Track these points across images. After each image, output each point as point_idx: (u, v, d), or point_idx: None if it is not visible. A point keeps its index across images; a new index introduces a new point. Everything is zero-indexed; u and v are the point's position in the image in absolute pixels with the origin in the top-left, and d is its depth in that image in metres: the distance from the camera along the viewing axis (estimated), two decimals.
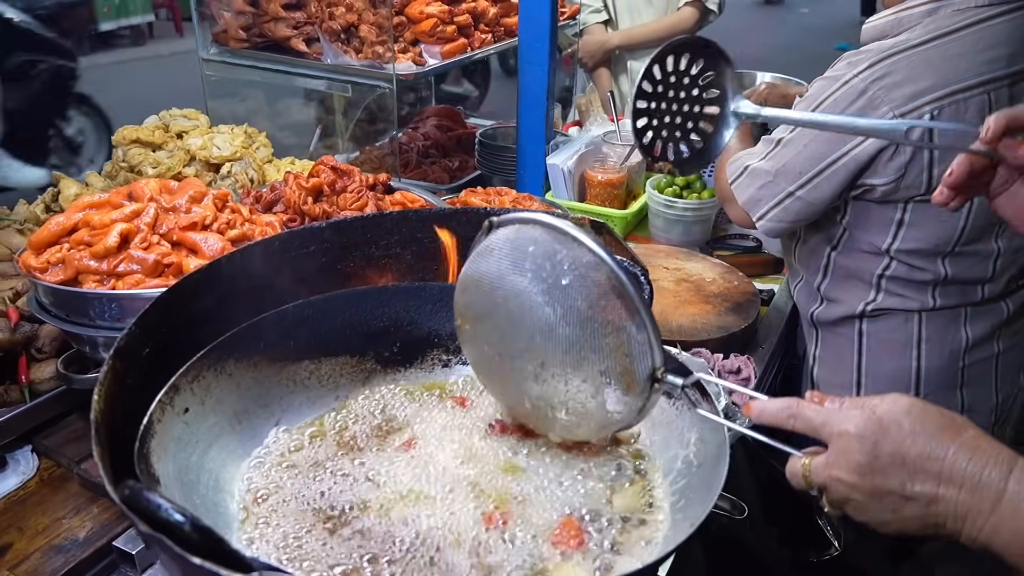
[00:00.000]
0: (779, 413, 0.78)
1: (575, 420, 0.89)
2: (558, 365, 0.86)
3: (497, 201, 1.86)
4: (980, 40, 1.36)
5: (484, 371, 0.98)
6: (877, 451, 0.71)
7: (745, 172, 1.55)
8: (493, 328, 0.91)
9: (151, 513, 0.62)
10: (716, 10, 3.13)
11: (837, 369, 1.65)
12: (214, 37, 2.01)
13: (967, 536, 0.71)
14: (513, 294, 0.86)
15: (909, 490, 0.71)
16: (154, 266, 1.13)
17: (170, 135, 1.95)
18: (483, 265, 0.90)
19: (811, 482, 0.75)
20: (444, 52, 1.98)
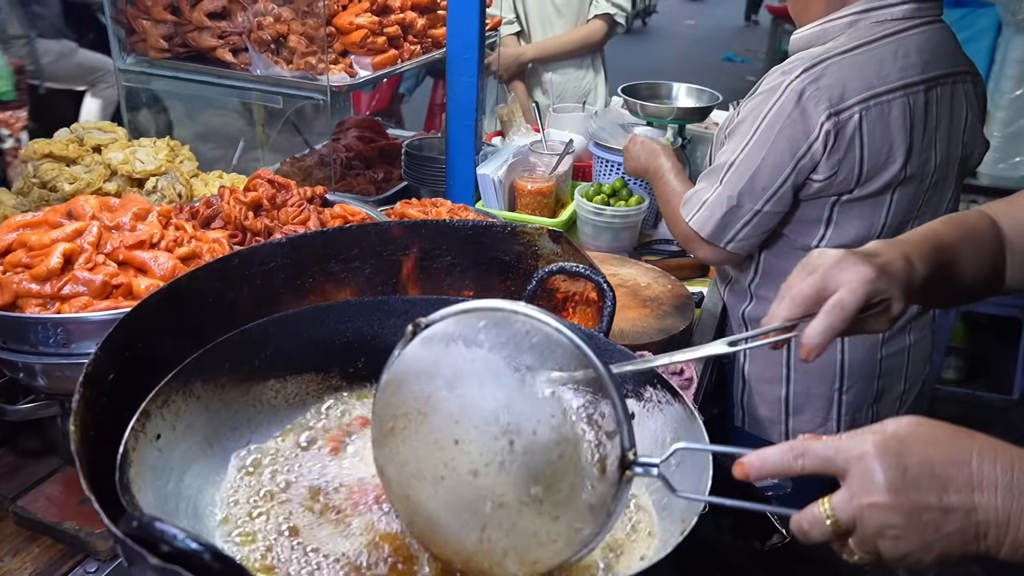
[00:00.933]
0: (783, 457, 0.70)
1: (543, 526, 0.73)
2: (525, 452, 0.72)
3: (434, 212, 1.87)
4: (899, 49, 1.48)
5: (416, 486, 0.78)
6: (904, 463, 0.65)
7: (704, 205, 1.59)
8: (440, 422, 0.75)
9: (167, 543, 0.60)
10: (623, 23, 3.23)
11: (767, 364, 1.74)
12: (131, 47, 1.92)
13: (1011, 543, 0.65)
14: (474, 379, 0.74)
15: (946, 501, 0.65)
16: (102, 287, 1.08)
17: (85, 149, 1.86)
18: (424, 359, 0.77)
19: (838, 522, 0.67)
20: (375, 63, 1.97)
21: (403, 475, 0.78)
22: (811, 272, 0.90)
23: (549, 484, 0.71)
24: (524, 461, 0.71)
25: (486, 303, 0.76)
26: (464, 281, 1.25)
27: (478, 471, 0.72)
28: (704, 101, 2.56)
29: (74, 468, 1.26)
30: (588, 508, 0.72)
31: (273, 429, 1.03)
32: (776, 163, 1.50)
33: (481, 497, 0.72)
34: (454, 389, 0.74)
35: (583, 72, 3.30)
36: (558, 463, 0.71)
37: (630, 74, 3.31)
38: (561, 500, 0.72)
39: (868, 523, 0.66)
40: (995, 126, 3.50)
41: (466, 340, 0.75)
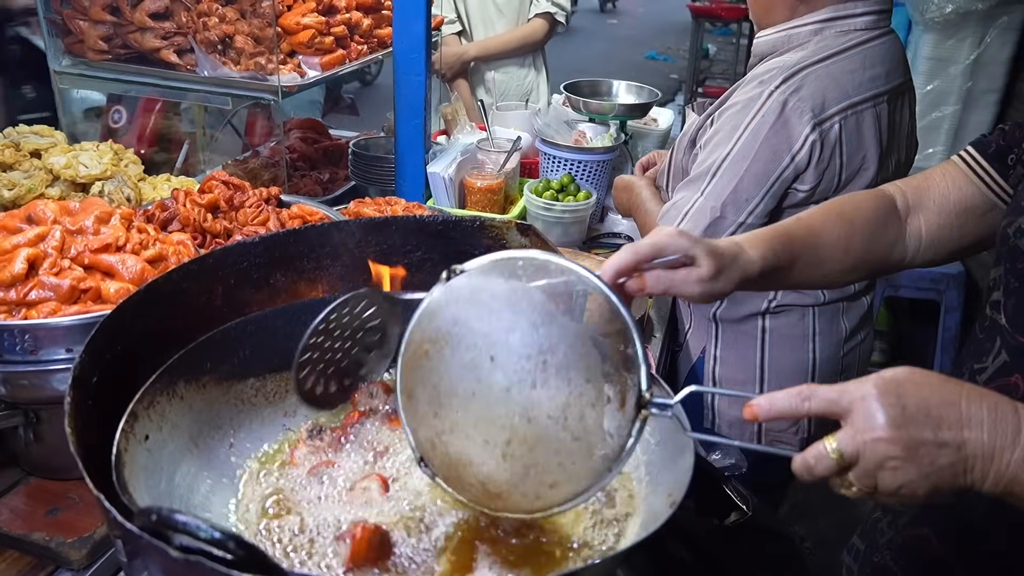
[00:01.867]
0: (791, 399, 0.75)
1: (564, 445, 0.77)
2: (557, 372, 0.77)
3: (389, 210, 1.87)
4: (866, 59, 1.52)
5: (446, 403, 0.81)
6: (903, 402, 0.72)
7: (685, 216, 1.57)
8: (478, 341, 0.79)
9: (191, 534, 0.60)
10: (564, 21, 3.29)
11: (739, 366, 1.76)
12: (67, 48, 1.87)
13: (995, 475, 0.73)
14: (512, 304, 0.79)
15: (940, 437, 0.72)
16: (70, 292, 1.06)
17: (23, 154, 1.80)
18: (463, 289, 0.82)
19: (842, 454, 0.73)
20: (324, 63, 1.96)
21: (434, 395, 0.80)
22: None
23: (574, 404, 0.76)
24: (555, 380, 0.76)
25: (520, 252, 0.82)
26: (435, 275, 1.26)
27: (511, 387, 0.76)
28: (644, 98, 2.63)
29: (38, 479, 1.24)
30: (606, 435, 0.78)
31: (255, 428, 1.04)
32: (759, 173, 1.51)
33: (511, 412, 0.76)
34: (493, 311, 0.78)
35: (525, 71, 3.34)
36: (584, 386, 0.76)
37: (558, 72, 3.38)
38: (584, 421, 0.77)
39: (870, 456, 0.72)
40: None
41: (505, 274, 0.80)
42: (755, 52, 1.66)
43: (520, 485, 0.78)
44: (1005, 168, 1.12)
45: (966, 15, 3.44)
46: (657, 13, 13.79)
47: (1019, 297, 0.98)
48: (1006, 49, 3.50)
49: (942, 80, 3.62)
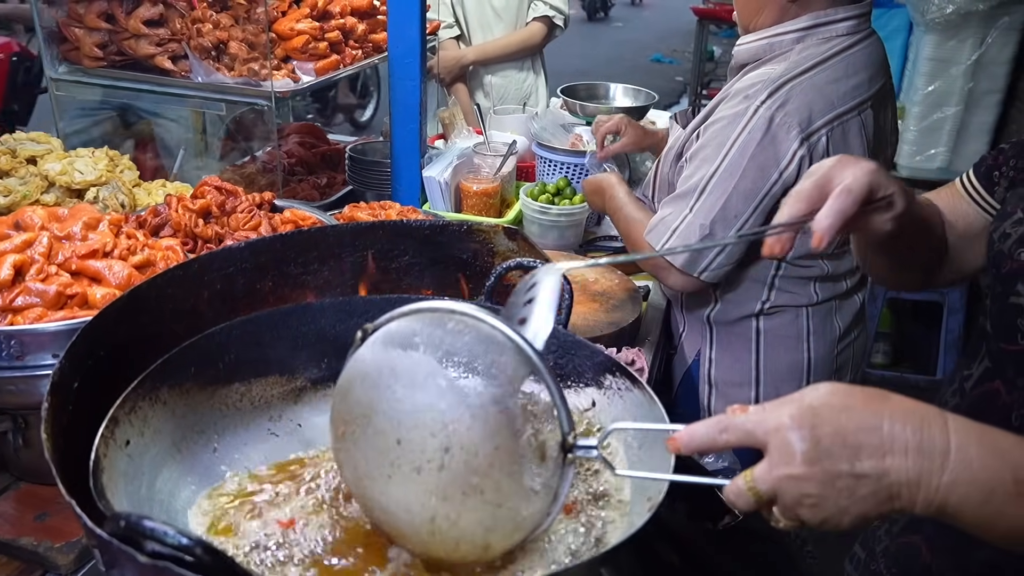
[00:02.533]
0: (709, 431, 0.73)
1: (488, 514, 0.76)
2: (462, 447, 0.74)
3: (383, 214, 1.87)
4: (848, 67, 1.51)
5: (369, 485, 0.81)
6: (817, 435, 0.68)
7: (674, 234, 1.55)
8: (383, 425, 0.77)
9: (158, 540, 0.60)
10: (562, 25, 3.29)
11: (734, 368, 1.75)
12: (64, 55, 1.88)
13: (924, 501, 0.69)
14: (409, 381, 0.77)
15: (858, 468, 0.68)
16: (56, 298, 1.07)
17: (19, 160, 1.81)
18: (366, 364, 0.81)
19: (759, 493, 0.70)
20: (318, 68, 1.97)
21: (357, 475, 0.81)
22: (811, 176, 0.91)
23: (488, 475, 0.74)
24: (461, 456, 0.74)
25: (424, 304, 0.80)
26: (423, 280, 1.27)
27: (421, 468, 0.75)
28: (640, 100, 2.63)
29: (28, 484, 1.25)
30: (531, 493, 0.76)
31: (240, 433, 1.04)
32: (748, 190, 1.50)
33: (426, 492, 0.75)
34: (393, 391, 0.77)
35: (524, 74, 3.35)
36: (495, 454, 0.74)
37: (561, 76, 3.38)
38: (502, 489, 0.75)
39: (786, 493, 0.69)
40: (911, 120, 3.68)
41: (403, 343, 0.78)
42: (736, 60, 1.65)
43: (456, 552, 0.78)
44: (991, 184, 1.12)
45: (967, 15, 3.43)
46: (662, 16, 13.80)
47: (1002, 302, 0.97)
48: (1008, 49, 3.49)
49: (943, 81, 3.61)
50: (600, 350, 1.08)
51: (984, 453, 0.70)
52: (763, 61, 1.57)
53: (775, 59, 1.55)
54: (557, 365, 1.12)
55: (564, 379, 1.11)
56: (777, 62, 1.54)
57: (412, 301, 1.15)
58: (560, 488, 0.78)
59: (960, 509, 0.69)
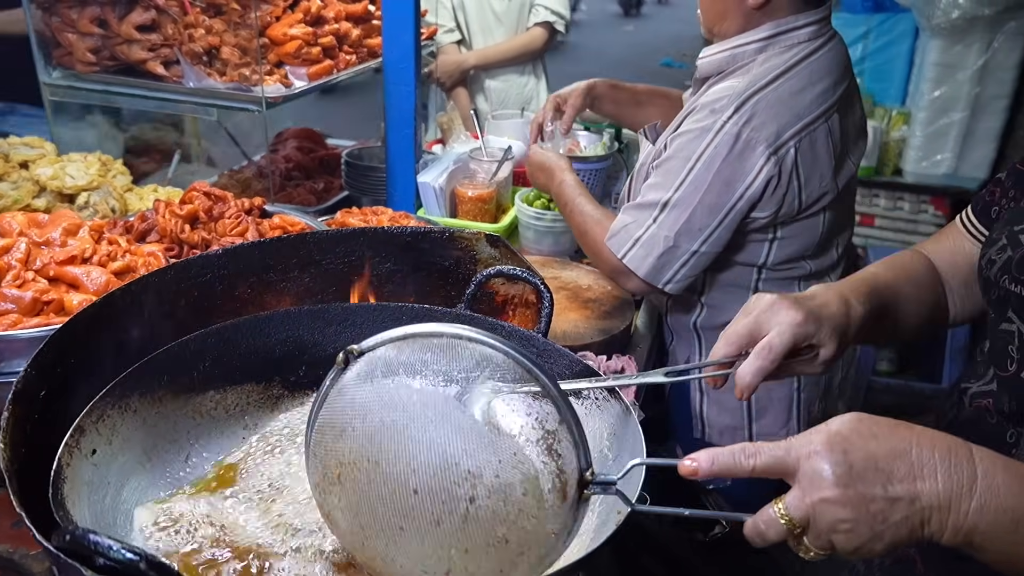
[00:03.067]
0: (735, 456, 0.71)
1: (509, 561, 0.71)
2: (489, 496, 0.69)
3: (375, 220, 1.87)
4: (812, 74, 1.51)
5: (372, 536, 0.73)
6: (850, 459, 0.68)
7: (637, 243, 1.56)
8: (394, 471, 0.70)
9: (102, 554, 0.59)
10: (563, 30, 3.28)
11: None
12: (57, 60, 1.88)
13: (953, 526, 0.69)
14: (426, 421, 0.70)
15: (891, 492, 0.68)
16: (32, 304, 1.06)
17: (11, 165, 1.81)
18: (367, 399, 0.72)
19: (792, 520, 0.70)
20: (311, 74, 1.97)
21: (356, 524, 0.73)
22: (747, 314, 0.96)
23: (515, 523, 0.69)
24: (488, 506, 0.68)
25: (425, 328, 0.72)
26: (405, 287, 1.26)
27: (440, 520, 0.68)
28: None
29: (4, 490, 1.24)
30: (552, 535, 0.72)
31: (214, 440, 1.03)
32: (712, 204, 1.50)
33: (445, 545, 0.69)
34: (406, 433, 0.69)
35: (525, 79, 3.34)
36: (522, 500, 0.69)
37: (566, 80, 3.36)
38: (527, 536, 0.70)
39: (821, 519, 0.69)
40: (916, 126, 3.65)
41: (410, 372, 0.71)
42: (699, 72, 1.64)
43: None
44: (990, 221, 1.12)
45: (973, 20, 3.40)
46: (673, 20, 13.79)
47: (994, 328, 0.96)
48: (1014, 54, 3.45)
49: (949, 86, 3.57)
50: (578, 360, 1.07)
51: (1011, 480, 0.70)
52: (726, 73, 1.57)
53: (738, 71, 1.55)
54: None
55: None
56: (741, 74, 1.54)
57: (391, 310, 1.15)
58: (575, 526, 0.74)
59: (988, 537, 0.70)
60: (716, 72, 1.59)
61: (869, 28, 3.80)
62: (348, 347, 0.73)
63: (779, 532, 0.71)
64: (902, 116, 3.71)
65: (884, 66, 3.85)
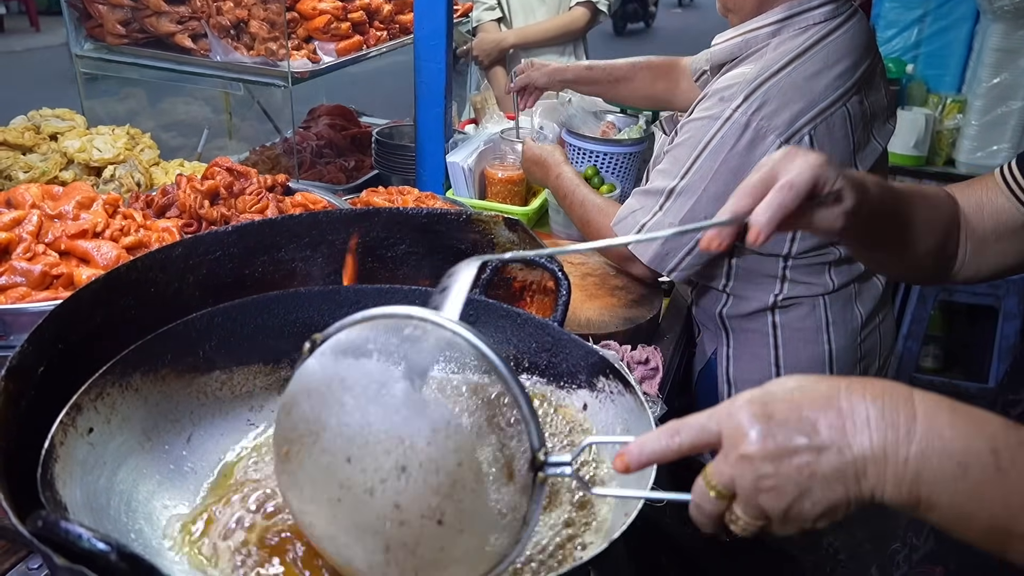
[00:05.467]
0: (660, 439, 0.67)
1: (450, 540, 0.70)
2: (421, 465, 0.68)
3: (400, 200, 1.84)
4: (828, 56, 1.44)
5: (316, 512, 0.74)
6: (769, 410, 0.63)
7: (643, 230, 1.53)
8: (332, 442, 0.71)
9: (71, 544, 0.57)
10: (606, 11, 3.20)
11: (753, 364, 1.69)
12: (88, 32, 1.88)
13: (894, 477, 0.61)
14: (361, 392, 0.71)
15: (816, 440, 0.62)
16: (41, 277, 1.05)
17: (42, 137, 1.82)
18: (313, 377, 0.74)
19: (718, 488, 0.64)
20: (339, 50, 1.93)
21: (303, 500, 0.74)
22: (760, 169, 0.87)
23: (449, 495, 0.68)
24: (420, 475, 0.67)
25: (379, 311, 0.72)
26: (420, 270, 1.22)
27: (373, 489, 0.68)
28: None
29: None
30: (498, 516, 0.69)
31: (218, 422, 1.01)
32: (718, 194, 1.45)
33: (380, 516, 0.68)
34: (343, 405, 0.70)
35: (565, 59, 3.27)
36: (457, 472, 0.68)
37: None
38: (465, 511, 0.68)
39: (743, 479, 0.63)
40: (972, 114, 3.50)
41: (356, 352, 0.72)
42: (713, 60, 1.59)
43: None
44: None
45: None
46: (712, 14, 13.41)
47: None
48: None
49: (1010, 73, 3.41)
50: (595, 350, 1.03)
51: (956, 420, 0.62)
52: (740, 59, 1.51)
53: (752, 56, 1.49)
54: (550, 364, 1.07)
55: (556, 379, 1.06)
56: (754, 60, 1.48)
57: (404, 292, 1.12)
58: (530, 512, 0.70)
59: (935, 488, 0.61)
60: (730, 59, 1.54)
61: (926, 11, 3.64)
62: (312, 335, 0.74)
63: (712, 505, 0.65)
64: (957, 104, 3.56)
65: (940, 51, 3.70)
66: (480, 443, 0.70)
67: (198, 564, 0.81)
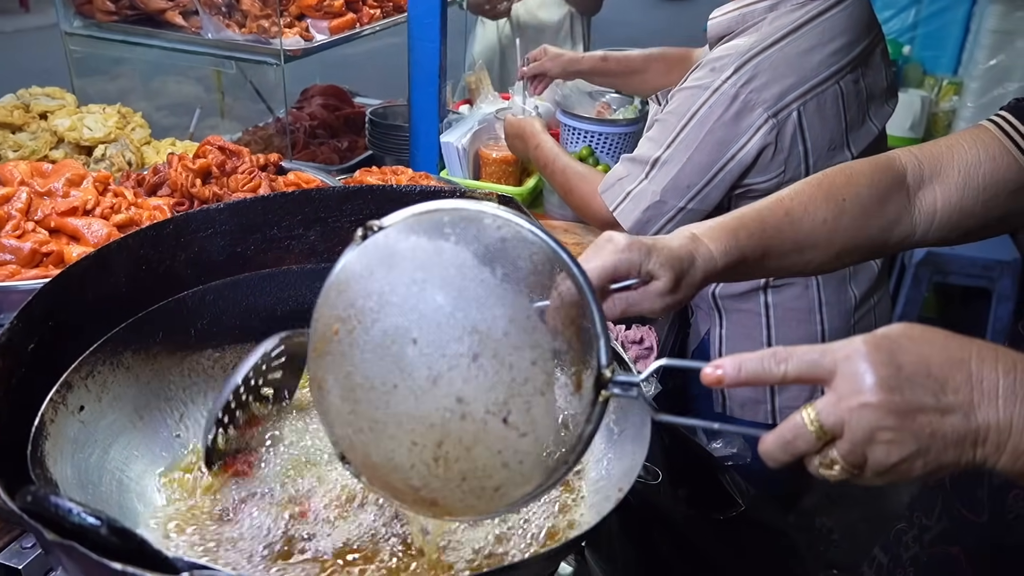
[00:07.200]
0: (764, 361, 0.63)
1: (510, 444, 0.64)
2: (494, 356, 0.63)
3: (394, 180, 1.83)
4: (824, 32, 1.43)
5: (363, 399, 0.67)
6: (898, 361, 0.60)
7: (628, 197, 1.55)
8: (395, 321, 0.64)
9: (61, 519, 0.57)
10: None
11: (746, 345, 1.69)
12: (77, 9, 1.85)
13: (1013, 450, 0.60)
14: (436, 273, 0.64)
15: (944, 402, 0.59)
16: (31, 255, 1.04)
17: (32, 116, 1.80)
18: (378, 252, 0.67)
19: (824, 427, 0.61)
20: (332, 27, 1.92)
21: (348, 387, 0.66)
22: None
23: (519, 393, 0.63)
24: (492, 366, 0.62)
25: (449, 203, 0.67)
26: None
27: (438, 376, 0.62)
28: None
29: None
30: (560, 427, 0.66)
31: (211, 399, 1.00)
32: (702, 163, 1.46)
33: (440, 408, 0.62)
34: (414, 281, 0.63)
35: (566, 44, 3.25)
36: (530, 370, 0.63)
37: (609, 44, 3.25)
38: (532, 412, 0.63)
39: (858, 426, 0.60)
40: (968, 96, 3.49)
41: (429, 233, 0.65)
42: (709, 33, 1.58)
43: (460, 491, 0.65)
44: None
45: None
46: None
47: None
48: None
49: (1007, 55, 3.40)
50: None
51: None
52: (736, 34, 1.51)
53: (748, 30, 1.49)
54: None
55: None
56: (749, 34, 1.47)
57: None
58: (588, 430, 0.66)
59: None
60: (726, 33, 1.54)
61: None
62: (368, 222, 0.68)
63: (808, 443, 0.62)
64: (953, 86, 3.55)
65: (937, 33, 3.69)
66: (555, 347, 0.65)
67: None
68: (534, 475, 0.66)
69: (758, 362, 0.63)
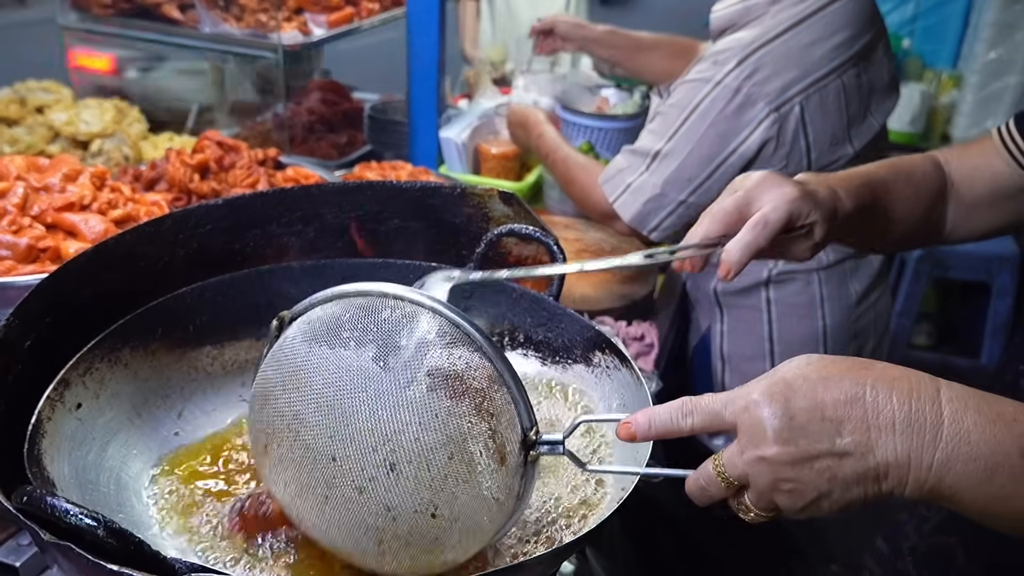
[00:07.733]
0: (671, 414, 0.65)
1: (443, 530, 0.68)
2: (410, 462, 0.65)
3: (393, 175, 1.82)
4: (827, 26, 1.43)
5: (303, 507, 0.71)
6: (791, 410, 0.60)
7: (628, 189, 1.54)
8: (314, 439, 0.67)
9: (57, 520, 0.56)
10: None
11: (747, 340, 1.70)
12: (73, 3, 1.84)
13: (915, 482, 0.60)
14: (342, 385, 0.67)
15: (840, 445, 0.60)
16: (27, 251, 1.03)
17: (28, 110, 1.79)
18: (287, 367, 0.71)
19: (729, 477, 0.63)
20: (331, 21, 1.90)
21: (288, 495, 0.71)
22: (733, 191, 0.87)
23: (442, 489, 0.66)
24: (410, 471, 0.65)
25: (350, 288, 0.70)
26: (413, 245, 1.21)
27: (363, 488, 0.65)
28: None
29: None
30: (493, 502, 0.68)
31: (209, 397, 1.00)
32: (703, 156, 1.46)
33: (371, 513, 0.66)
34: (323, 399, 0.67)
35: None
36: (448, 466, 0.65)
37: None
38: (459, 502, 0.66)
39: (759, 478, 0.61)
40: (968, 90, 3.48)
41: (329, 338, 0.68)
42: (712, 26, 1.57)
43: (411, 570, 0.69)
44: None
45: None
46: None
47: None
48: None
49: (1006, 48, 3.39)
50: (591, 325, 1.02)
51: (984, 423, 0.60)
52: (739, 26, 1.51)
53: (751, 23, 1.48)
54: (546, 339, 1.06)
55: (552, 354, 1.05)
56: (752, 27, 1.47)
57: (397, 267, 1.11)
58: (525, 488, 0.70)
59: (956, 491, 0.61)
60: (728, 26, 1.53)
61: None
62: (280, 313, 0.73)
63: (718, 490, 0.65)
64: (952, 80, 3.54)
65: (936, 26, 3.67)
66: (471, 432, 0.67)
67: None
68: (476, 544, 0.71)
69: (667, 415, 0.65)
